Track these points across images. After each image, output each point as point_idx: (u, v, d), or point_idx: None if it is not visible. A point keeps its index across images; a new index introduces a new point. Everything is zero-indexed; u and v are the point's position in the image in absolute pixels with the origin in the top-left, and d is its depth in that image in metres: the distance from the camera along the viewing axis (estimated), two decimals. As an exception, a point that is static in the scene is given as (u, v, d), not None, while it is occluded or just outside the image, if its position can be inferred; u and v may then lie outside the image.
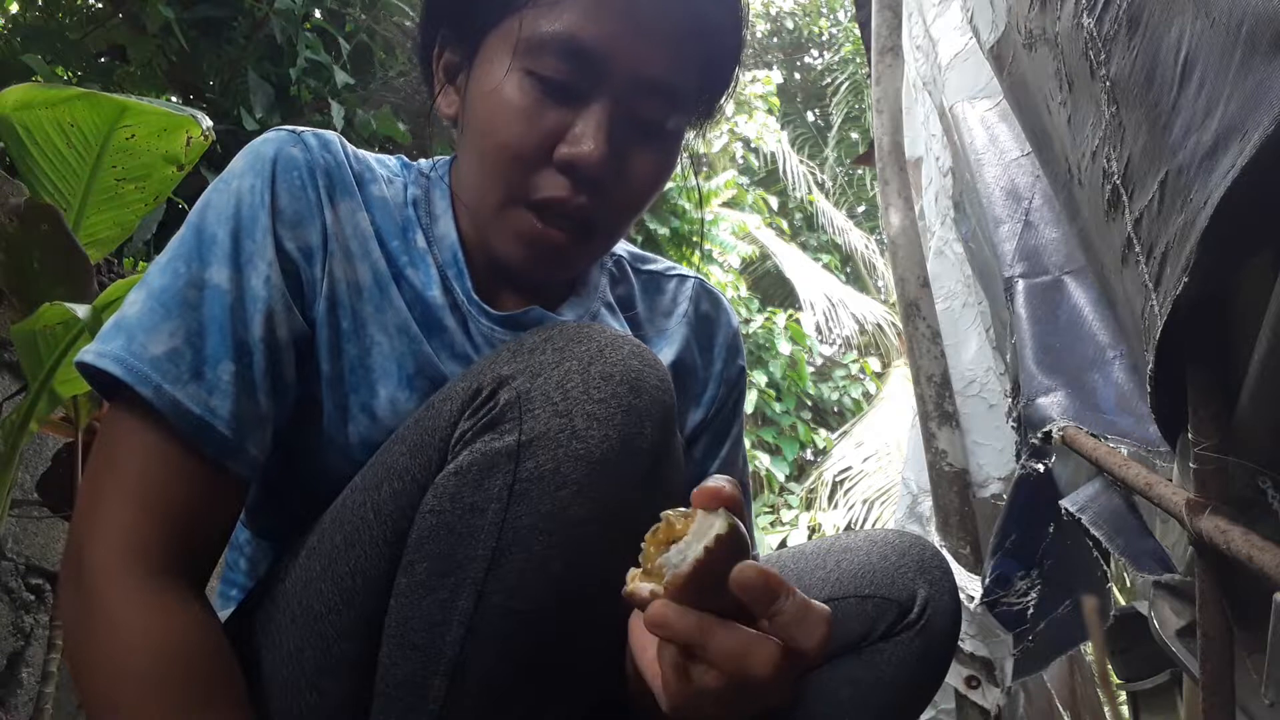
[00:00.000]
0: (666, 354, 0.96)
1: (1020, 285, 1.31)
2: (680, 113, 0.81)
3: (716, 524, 0.55)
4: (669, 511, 0.59)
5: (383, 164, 0.88)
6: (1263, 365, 0.62)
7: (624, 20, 0.74)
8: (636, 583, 0.58)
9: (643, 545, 0.59)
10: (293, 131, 0.81)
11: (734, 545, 0.55)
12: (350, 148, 0.86)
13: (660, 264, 1.03)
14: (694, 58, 0.79)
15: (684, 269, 1.04)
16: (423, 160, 0.93)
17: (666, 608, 0.55)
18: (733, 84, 0.89)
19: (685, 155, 0.94)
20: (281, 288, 0.76)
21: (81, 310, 1.18)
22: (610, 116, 0.76)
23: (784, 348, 8.02)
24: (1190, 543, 0.74)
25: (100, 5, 3.00)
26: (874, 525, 6.21)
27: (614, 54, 0.75)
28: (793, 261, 8.67)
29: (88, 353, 0.72)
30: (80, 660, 0.67)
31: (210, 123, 1.51)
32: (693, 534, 0.56)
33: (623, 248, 1.01)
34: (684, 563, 0.55)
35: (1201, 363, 0.70)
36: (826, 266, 9.77)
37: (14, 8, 2.97)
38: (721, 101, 0.90)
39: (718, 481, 0.57)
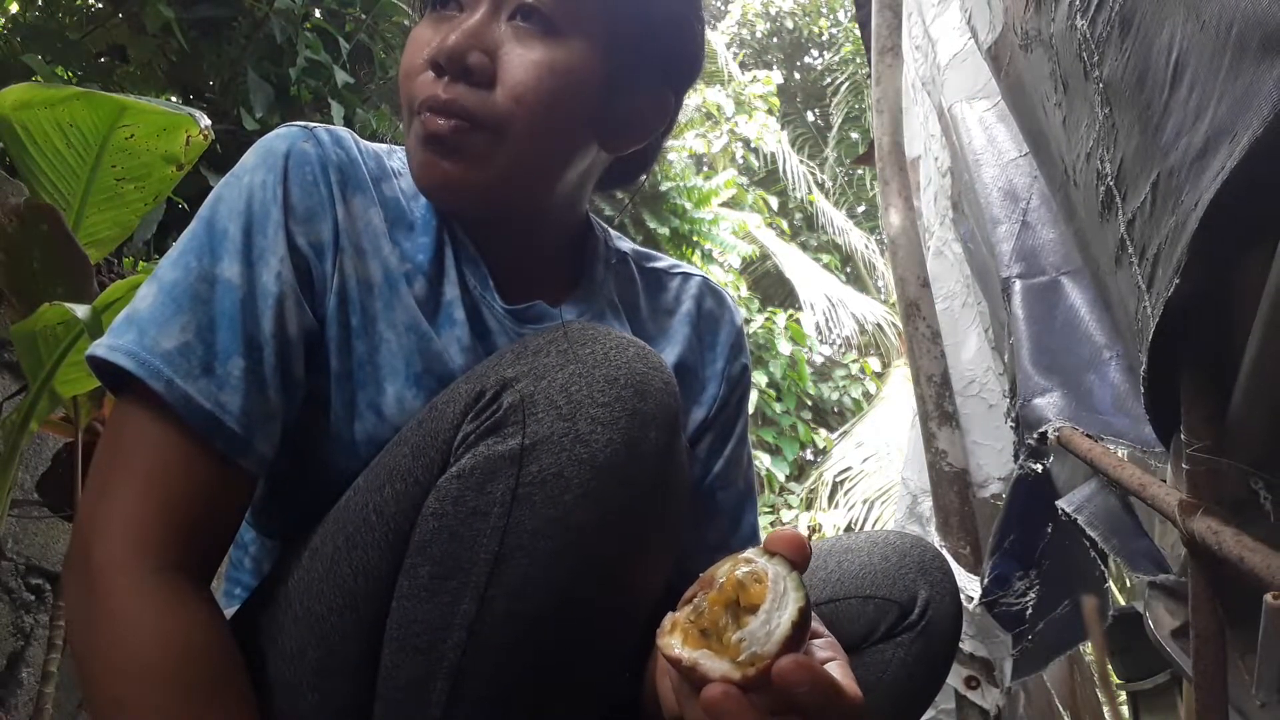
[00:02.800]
0: (669, 353, 0.95)
1: (1017, 286, 1.31)
2: (570, 9, 0.78)
3: (792, 595, 0.51)
4: (729, 563, 0.55)
5: (392, 156, 0.88)
6: (1255, 366, 0.62)
7: None
8: (690, 650, 0.53)
9: (697, 599, 0.55)
10: (305, 127, 0.82)
11: (809, 618, 0.52)
12: (364, 143, 0.86)
13: (664, 261, 1.02)
14: None
15: (689, 267, 1.03)
16: None
17: (739, 705, 0.51)
18: (697, 18, 0.88)
19: (688, 153, 0.94)
20: (293, 283, 0.76)
21: (81, 310, 1.18)
22: (479, 16, 0.78)
23: (784, 348, 8.02)
24: (1183, 543, 0.75)
25: (100, 5, 3.00)
26: (874, 525, 6.21)
27: None
28: (793, 261, 8.67)
29: (99, 346, 0.72)
30: (85, 654, 0.67)
31: (209, 122, 1.51)
32: (770, 605, 0.51)
33: (627, 245, 1.01)
34: (769, 642, 0.50)
35: (1194, 364, 0.70)
36: (826, 266, 9.77)
37: (14, 8, 2.97)
38: (684, 39, 0.89)
39: (794, 531, 0.56)
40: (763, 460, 7.74)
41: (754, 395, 7.70)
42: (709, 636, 0.53)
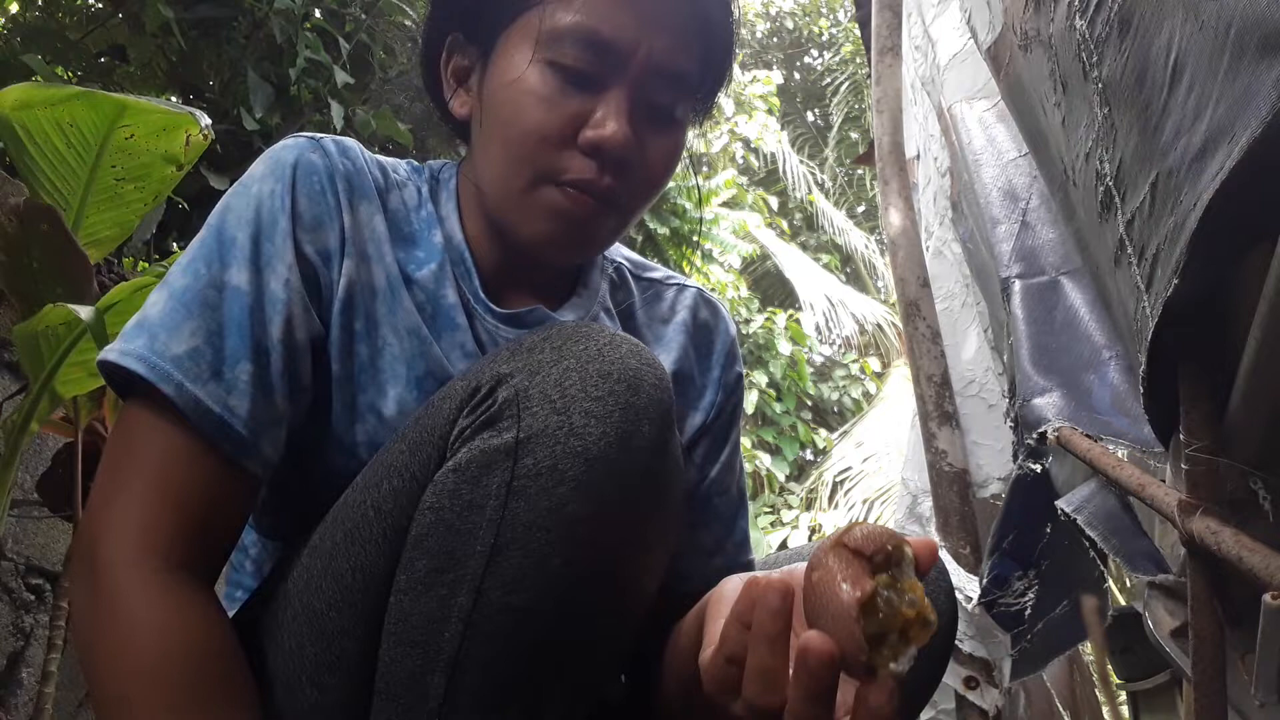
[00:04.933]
0: (665, 360, 0.96)
1: (1017, 286, 1.32)
2: (687, 101, 0.85)
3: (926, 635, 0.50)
4: (887, 578, 0.52)
5: (395, 169, 0.90)
6: (1253, 366, 0.62)
7: (638, 13, 0.79)
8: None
9: (877, 587, 0.51)
10: (312, 138, 0.83)
11: None
12: (369, 154, 0.88)
13: (660, 272, 1.04)
14: (697, 49, 0.83)
15: (684, 278, 1.05)
16: (431, 163, 0.94)
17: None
18: (728, 78, 0.92)
19: (685, 154, 0.96)
20: (300, 290, 0.78)
21: (85, 311, 1.18)
22: (629, 99, 0.79)
23: (784, 348, 8.02)
24: (1182, 543, 0.75)
25: (100, 5, 3.00)
26: (874, 525, 6.19)
27: (631, 45, 0.79)
28: (793, 261, 8.68)
29: (110, 351, 0.73)
30: (91, 654, 0.68)
31: (209, 122, 1.51)
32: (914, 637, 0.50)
33: (623, 255, 1.03)
34: (901, 670, 0.50)
35: (1193, 364, 0.70)
36: (826, 266, 9.78)
37: (14, 8, 2.97)
38: (719, 95, 0.93)
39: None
40: (763, 460, 7.74)
41: (754, 395, 7.71)
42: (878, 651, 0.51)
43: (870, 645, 0.49)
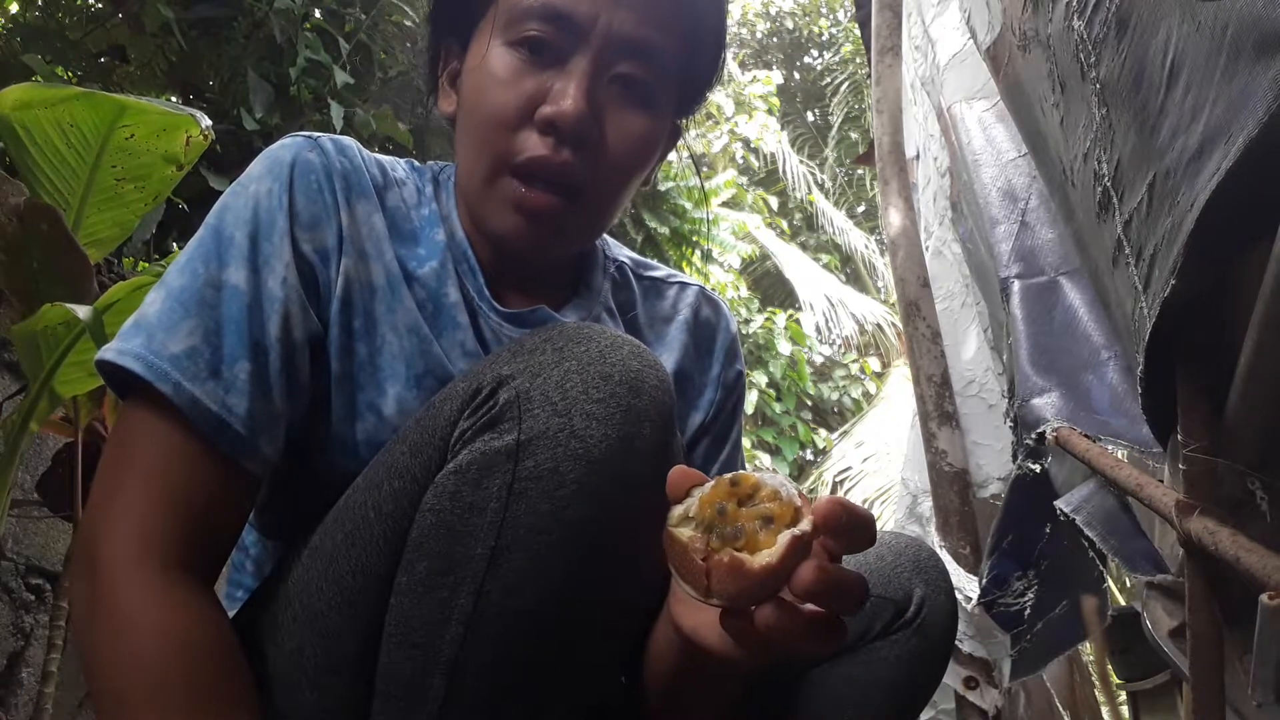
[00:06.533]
0: (666, 360, 0.96)
1: (1016, 286, 1.32)
2: (662, 80, 0.83)
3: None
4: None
5: (394, 167, 0.90)
6: (1250, 366, 0.62)
7: None
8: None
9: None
10: (310, 137, 0.83)
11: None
12: (367, 153, 0.87)
13: (662, 271, 1.04)
14: (674, 26, 0.82)
15: (685, 276, 1.05)
16: (432, 163, 0.95)
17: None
18: (720, 68, 0.91)
19: (685, 154, 0.96)
20: (298, 289, 0.77)
21: (83, 311, 1.18)
22: (589, 74, 0.78)
23: (784, 348, 8.02)
24: (1180, 544, 0.75)
25: (100, 5, 3.01)
26: (874, 525, 6.20)
27: (589, 16, 0.78)
28: (793, 261, 8.68)
29: (108, 350, 0.73)
30: (89, 650, 0.68)
31: (209, 122, 1.51)
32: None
33: (625, 254, 1.03)
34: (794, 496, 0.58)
35: (1191, 364, 0.70)
36: (826, 266, 9.78)
37: (14, 8, 2.97)
38: (709, 86, 0.92)
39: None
40: (763, 460, 7.74)
41: (754, 395, 7.71)
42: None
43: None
